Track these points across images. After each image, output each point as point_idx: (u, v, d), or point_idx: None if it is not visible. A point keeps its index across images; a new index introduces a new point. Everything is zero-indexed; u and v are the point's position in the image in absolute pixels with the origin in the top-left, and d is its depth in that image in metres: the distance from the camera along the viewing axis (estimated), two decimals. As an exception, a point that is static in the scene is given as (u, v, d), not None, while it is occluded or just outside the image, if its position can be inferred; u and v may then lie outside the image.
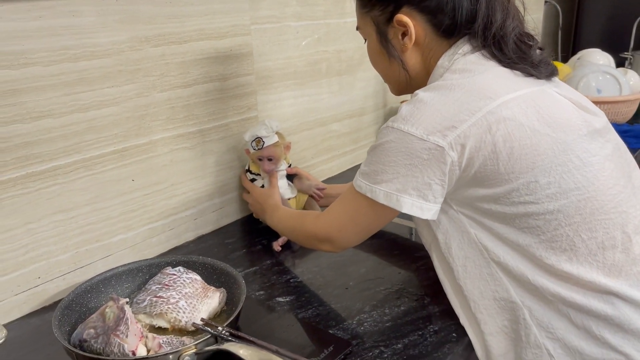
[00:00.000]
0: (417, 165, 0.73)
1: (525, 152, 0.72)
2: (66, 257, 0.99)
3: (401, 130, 0.74)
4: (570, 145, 0.75)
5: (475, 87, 0.75)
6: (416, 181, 0.74)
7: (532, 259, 0.77)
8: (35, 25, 0.87)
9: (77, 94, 0.94)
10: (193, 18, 1.09)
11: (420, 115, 0.74)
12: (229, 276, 0.93)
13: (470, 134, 0.72)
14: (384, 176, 0.76)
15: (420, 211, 0.75)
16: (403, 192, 0.75)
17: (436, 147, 0.72)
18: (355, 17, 0.93)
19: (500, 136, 0.72)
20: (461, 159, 0.73)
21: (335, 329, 0.88)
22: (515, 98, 0.75)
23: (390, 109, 1.75)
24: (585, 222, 0.75)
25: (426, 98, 0.75)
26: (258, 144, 1.14)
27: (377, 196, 0.77)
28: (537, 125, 0.74)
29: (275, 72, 1.31)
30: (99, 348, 0.78)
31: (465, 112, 0.72)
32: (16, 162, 0.88)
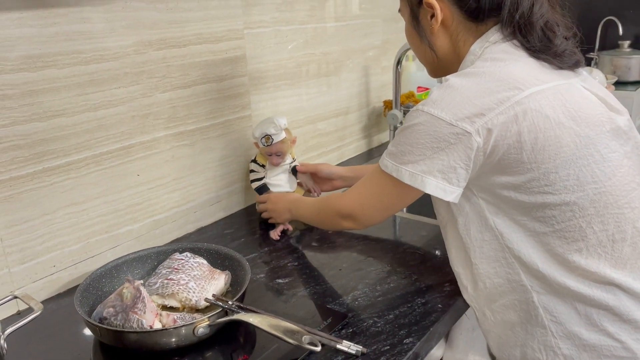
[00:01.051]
0: (443, 149, 0.76)
1: (548, 144, 0.75)
2: (78, 247, 1.06)
3: (431, 114, 0.76)
4: (592, 140, 0.77)
5: (505, 76, 0.77)
6: (442, 164, 0.77)
7: (544, 247, 0.81)
8: (51, 31, 0.94)
9: (88, 94, 1.01)
10: (192, 23, 1.17)
11: (450, 101, 0.76)
12: (233, 260, 1.01)
13: (498, 122, 0.75)
14: (410, 157, 0.79)
15: (444, 193, 0.79)
16: (428, 174, 0.78)
17: (464, 132, 0.75)
18: (336, 21, 1.01)
19: (525, 126, 0.75)
20: (486, 145, 0.76)
21: (332, 304, 0.96)
22: (543, 90, 0.77)
23: (373, 108, 1.84)
24: (598, 215, 0.78)
25: (457, 84, 0.78)
26: (267, 141, 1.23)
27: (403, 176, 0.80)
28: (563, 118, 0.76)
29: (267, 74, 1.40)
30: (118, 325, 0.85)
31: (494, 101, 0.75)
32: (34, 157, 0.95)
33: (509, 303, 0.86)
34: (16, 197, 0.94)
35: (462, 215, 0.86)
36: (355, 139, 1.79)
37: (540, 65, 0.82)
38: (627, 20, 2.68)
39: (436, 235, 1.20)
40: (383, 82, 1.87)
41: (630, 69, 2.55)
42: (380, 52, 1.82)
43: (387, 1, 1.79)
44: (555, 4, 0.87)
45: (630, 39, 2.66)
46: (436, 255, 1.12)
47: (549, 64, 0.82)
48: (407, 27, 0.95)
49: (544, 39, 0.82)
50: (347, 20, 1.63)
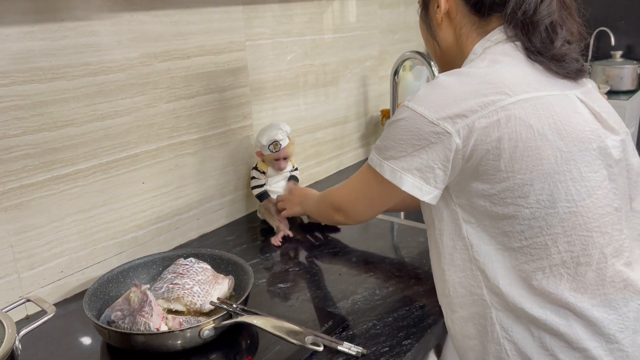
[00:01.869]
0: (423, 147, 0.76)
1: (527, 154, 0.73)
2: (85, 253, 1.08)
3: (414, 110, 0.76)
4: (574, 156, 0.75)
5: (496, 79, 0.75)
6: (420, 162, 0.77)
7: (510, 263, 0.79)
8: (61, 44, 0.97)
9: (95, 104, 1.05)
10: (195, 36, 1.21)
11: (436, 99, 0.76)
12: (236, 265, 1.04)
13: (479, 125, 0.73)
14: (392, 152, 0.79)
15: (420, 192, 0.78)
16: (407, 171, 0.78)
17: (444, 132, 0.74)
18: (334, 33, 1.04)
19: (507, 133, 0.73)
20: (465, 148, 0.74)
21: (333, 307, 0.99)
22: (532, 98, 0.75)
23: (370, 117, 1.88)
24: (565, 235, 0.75)
25: (445, 82, 0.77)
26: (276, 146, 1.27)
27: (384, 171, 0.80)
28: (547, 130, 0.74)
29: (268, 84, 1.43)
30: (126, 328, 0.88)
31: (479, 103, 0.74)
32: (43, 166, 0.99)
33: (469, 315, 0.84)
34: (26, 205, 0.97)
35: (439, 220, 0.85)
36: (353, 148, 1.83)
37: (537, 72, 0.79)
38: (619, 30, 2.74)
39: (433, 241, 1.23)
40: (380, 91, 1.91)
41: (622, 79, 2.60)
42: (377, 62, 1.86)
43: (383, 13, 1.84)
44: (571, 7, 0.84)
45: (622, 49, 2.72)
46: (433, 260, 1.15)
47: (547, 69, 0.80)
48: (420, 18, 0.95)
49: (546, 39, 0.80)
50: (344, 32, 1.67)
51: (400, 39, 1.97)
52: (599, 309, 0.76)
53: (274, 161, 1.31)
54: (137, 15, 1.09)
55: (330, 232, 1.31)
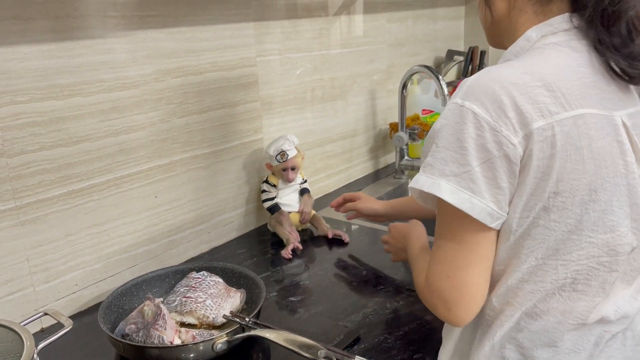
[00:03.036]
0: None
1: (573, 178, 0.67)
2: (99, 266, 1.10)
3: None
4: (609, 188, 0.69)
5: (554, 82, 0.68)
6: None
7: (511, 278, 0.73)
8: (77, 62, 1.00)
9: (110, 120, 1.07)
10: (207, 52, 1.23)
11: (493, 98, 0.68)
12: (247, 278, 1.05)
13: (537, 138, 0.66)
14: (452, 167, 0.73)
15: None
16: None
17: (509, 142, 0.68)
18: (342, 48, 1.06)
19: (559, 152, 0.66)
20: (521, 160, 0.69)
21: (344, 321, 1.00)
22: (584, 115, 0.67)
23: (379, 130, 1.90)
24: (577, 263, 0.71)
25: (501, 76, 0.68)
26: (283, 156, 1.29)
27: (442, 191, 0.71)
28: (588, 155, 0.67)
29: (278, 99, 1.45)
30: (139, 341, 0.89)
31: (537, 111, 0.66)
32: (59, 181, 1.00)
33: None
34: (42, 219, 0.99)
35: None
36: (362, 161, 1.84)
37: (596, 75, 0.71)
38: None
39: (443, 254, 1.24)
40: (389, 105, 1.92)
41: None
42: (385, 76, 1.88)
43: (391, 27, 1.86)
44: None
45: None
46: (443, 273, 1.16)
47: (608, 70, 0.71)
48: None
49: (625, 35, 0.70)
50: (353, 46, 1.69)
51: (408, 53, 1.99)
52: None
53: (282, 172, 1.32)
54: (151, 32, 1.11)
55: (340, 245, 1.32)
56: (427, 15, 2.06)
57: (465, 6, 2.32)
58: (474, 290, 0.71)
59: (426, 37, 2.09)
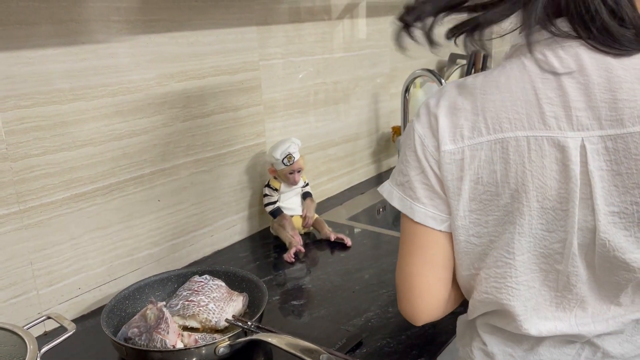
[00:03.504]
0: None
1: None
2: (102, 270, 1.10)
3: None
4: (522, 212, 0.68)
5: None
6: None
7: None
8: (81, 66, 1.00)
9: (113, 124, 1.07)
10: (210, 56, 1.24)
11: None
12: (250, 282, 1.06)
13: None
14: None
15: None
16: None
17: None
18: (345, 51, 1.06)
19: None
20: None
21: (346, 325, 1.00)
22: (512, 139, 0.65)
23: (382, 133, 1.90)
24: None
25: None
26: (290, 159, 1.30)
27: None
28: (501, 180, 0.67)
29: (280, 102, 1.46)
30: (142, 344, 0.89)
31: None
32: (63, 184, 1.01)
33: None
34: (46, 222, 0.99)
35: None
36: (364, 164, 1.84)
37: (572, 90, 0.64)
38: None
39: (445, 258, 1.24)
40: (391, 108, 1.93)
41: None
42: (388, 79, 1.88)
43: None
44: None
45: None
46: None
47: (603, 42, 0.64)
48: None
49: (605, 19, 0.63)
50: (355, 50, 1.69)
51: (410, 56, 1.99)
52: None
53: (289, 175, 1.32)
54: (154, 37, 1.12)
55: (343, 249, 1.32)
56: (429, 18, 2.06)
57: (468, 10, 2.32)
58: (415, 282, 0.74)
59: (429, 40, 2.08)
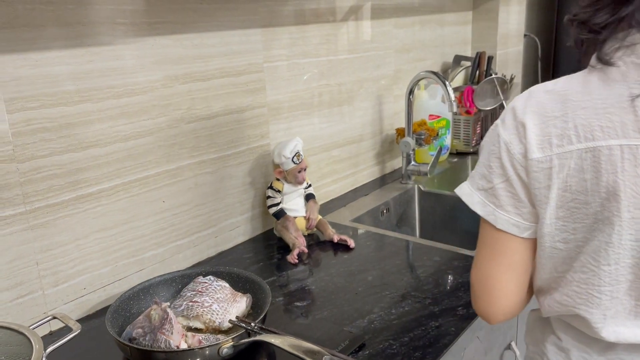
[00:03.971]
0: None
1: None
2: (107, 270, 1.11)
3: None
4: (612, 222, 0.67)
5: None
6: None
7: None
8: (87, 68, 1.01)
9: (119, 126, 1.08)
10: (215, 58, 1.24)
11: None
12: (253, 283, 1.06)
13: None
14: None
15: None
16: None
17: None
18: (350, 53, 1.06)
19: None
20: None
21: (349, 327, 1.00)
22: (604, 148, 0.64)
23: (386, 135, 1.90)
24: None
25: None
26: (299, 157, 1.31)
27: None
28: (590, 189, 0.67)
29: (285, 104, 1.46)
30: (146, 345, 0.90)
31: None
32: (69, 186, 1.02)
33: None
34: (52, 223, 1.00)
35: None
36: (368, 166, 1.85)
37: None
38: None
39: (449, 260, 1.24)
40: (395, 110, 1.93)
41: None
42: (392, 81, 1.88)
43: (398, 33, 1.87)
44: None
45: None
46: (449, 279, 1.16)
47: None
48: None
49: None
50: (360, 52, 1.70)
51: (414, 58, 1.99)
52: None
53: (297, 174, 1.33)
54: (160, 39, 1.13)
55: (346, 250, 1.33)
56: (434, 20, 2.06)
57: (473, 11, 2.33)
58: (495, 285, 0.76)
59: (433, 42, 2.09)
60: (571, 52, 2.94)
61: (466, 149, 2.12)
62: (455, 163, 2.05)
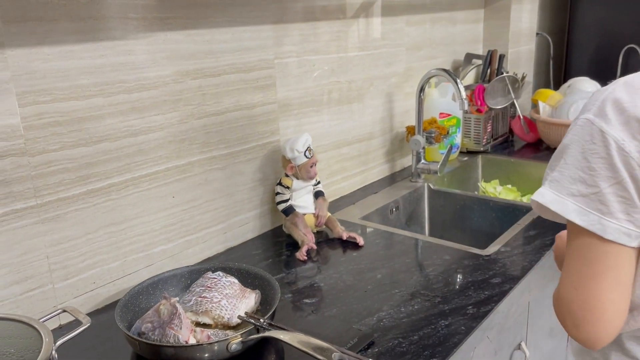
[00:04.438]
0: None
1: None
2: (116, 264, 1.11)
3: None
4: None
5: None
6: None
7: None
8: (98, 63, 1.01)
9: (129, 120, 1.08)
10: (226, 54, 1.24)
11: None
12: (262, 279, 1.06)
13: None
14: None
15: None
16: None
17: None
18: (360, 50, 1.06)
19: None
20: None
21: (358, 324, 1.00)
22: None
23: (396, 133, 1.89)
24: None
25: None
26: (310, 151, 1.32)
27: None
28: None
29: (295, 101, 1.46)
30: (155, 339, 0.90)
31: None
32: (79, 180, 1.02)
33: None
34: (62, 217, 1.00)
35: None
36: (378, 164, 1.84)
37: None
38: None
39: (459, 259, 1.23)
40: (406, 108, 1.92)
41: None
42: (403, 79, 1.87)
43: (410, 30, 1.86)
44: None
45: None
46: (459, 278, 1.15)
47: None
48: None
49: None
50: (370, 49, 1.69)
51: (425, 56, 1.98)
52: None
53: (309, 168, 1.33)
54: (171, 34, 1.12)
55: (355, 248, 1.32)
56: (445, 18, 2.05)
57: (485, 9, 2.31)
58: (606, 306, 0.66)
59: (444, 40, 2.08)
60: (583, 51, 2.92)
61: (476, 147, 2.11)
62: (466, 162, 2.03)
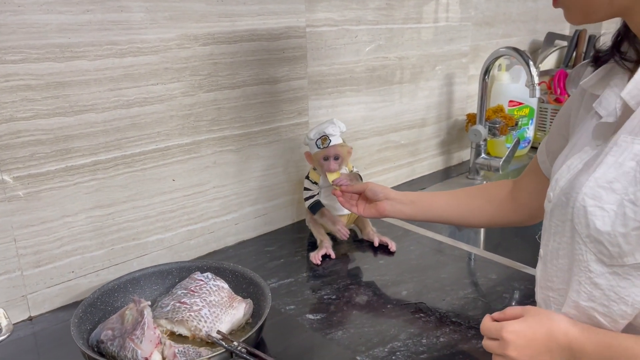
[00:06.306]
0: None
1: None
2: (101, 253, 0.98)
3: None
4: None
5: None
6: None
7: None
8: (83, 19, 0.87)
9: (121, 89, 0.93)
10: (245, 18, 1.06)
11: None
12: (257, 287, 0.89)
13: None
14: None
15: None
16: None
17: None
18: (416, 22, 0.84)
19: None
20: None
21: (364, 355, 0.80)
22: None
23: (454, 121, 1.64)
24: None
25: None
26: (324, 142, 1.08)
27: None
28: None
29: (330, 77, 1.26)
30: (114, 351, 0.76)
31: None
32: (56, 154, 0.89)
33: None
34: (34, 196, 0.88)
35: None
36: (430, 155, 1.61)
37: None
38: None
39: (507, 279, 1.00)
40: (469, 92, 1.66)
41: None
42: (468, 59, 1.62)
43: (479, 2, 1.59)
44: None
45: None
46: (504, 305, 0.92)
47: None
48: None
49: None
50: (429, 21, 1.45)
51: (498, 34, 1.70)
52: None
53: (322, 161, 1.10)
54: (177, -10, 0.96)
55: (385, 253, 1.12)
56: (526, -10, 1.76)
57: (576, -18, 1.97)
58: None
59: (523, 16, 1.78)
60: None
61: (552, 143, 1.81)
62: (537, 159, 1.75)
